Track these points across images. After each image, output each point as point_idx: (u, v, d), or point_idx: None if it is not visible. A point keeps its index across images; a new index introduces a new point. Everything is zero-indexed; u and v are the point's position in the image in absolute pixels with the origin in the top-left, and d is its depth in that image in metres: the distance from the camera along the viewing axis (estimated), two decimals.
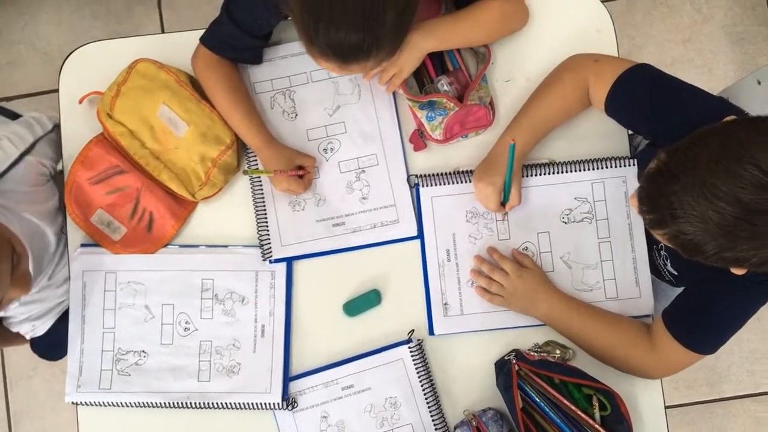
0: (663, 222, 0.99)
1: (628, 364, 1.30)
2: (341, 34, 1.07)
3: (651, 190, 1.01)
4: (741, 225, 0.92)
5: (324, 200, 1.40)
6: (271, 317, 1.37)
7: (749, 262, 0.96)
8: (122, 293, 1.39)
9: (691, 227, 0.95)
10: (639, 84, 1.25)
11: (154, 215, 1.39)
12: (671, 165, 0.98)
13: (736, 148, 0.92)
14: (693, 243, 0.97)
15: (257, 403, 1.35)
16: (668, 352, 1.25)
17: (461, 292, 1.38)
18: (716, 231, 0.93)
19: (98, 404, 1.37)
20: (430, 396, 1.35)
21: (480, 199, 1.34)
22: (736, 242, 0.94)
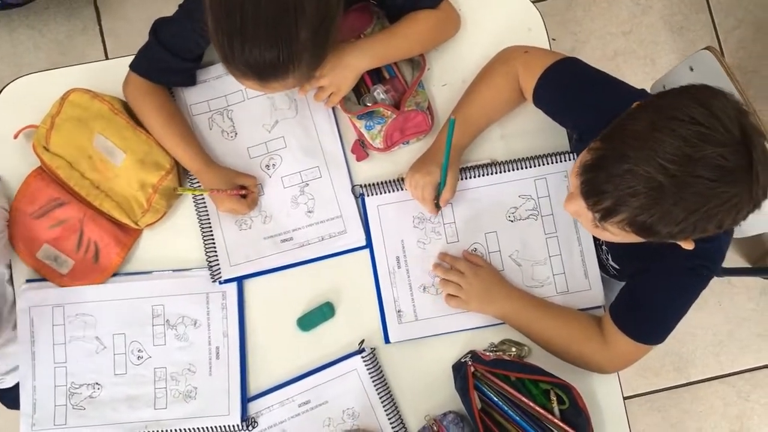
0: (618, 206, 0.98)
1: (583, 359, 1.31)
2: (255, 51, 1.08)
3: (597, 179, 1.00)
4: (696, 188, 0.92)
5: (270, 217, 1.40)
6: (225, 338, 1.36)
7: (708, 228, 0.97)
8: (71, 326, 1.37)
9: (645, 204, 0.95)
10: (564, 77, 1.27)
11: (99, 245, 1.38)
12: (614, 147, 0.98)
13: (673, 111, 0.94)
14: (649, 223, 0.97)
15: (216, 426, 1.34)
16: (619, 347, 1.27)
17: (414, 298, 1.38)
18: (670, 201, 0.94)
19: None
20: (387, 404, 1.34)
21: (415, 193, 1.34)
22: (692, 210, 0.94)
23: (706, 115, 0.92)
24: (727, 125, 0.92)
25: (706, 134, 0.92)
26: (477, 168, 1.39)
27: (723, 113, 0.92)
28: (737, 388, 2.35)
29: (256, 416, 1.35)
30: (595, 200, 1.01)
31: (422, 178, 1.31)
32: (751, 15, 2.47)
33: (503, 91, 1.35)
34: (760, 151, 0.93)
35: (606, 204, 0.99)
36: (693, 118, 0.92)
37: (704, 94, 0.96)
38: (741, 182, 0.93)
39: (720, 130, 0.92)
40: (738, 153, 0.92)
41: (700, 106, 0.93)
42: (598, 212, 1.02)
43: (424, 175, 1.31)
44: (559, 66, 1.28)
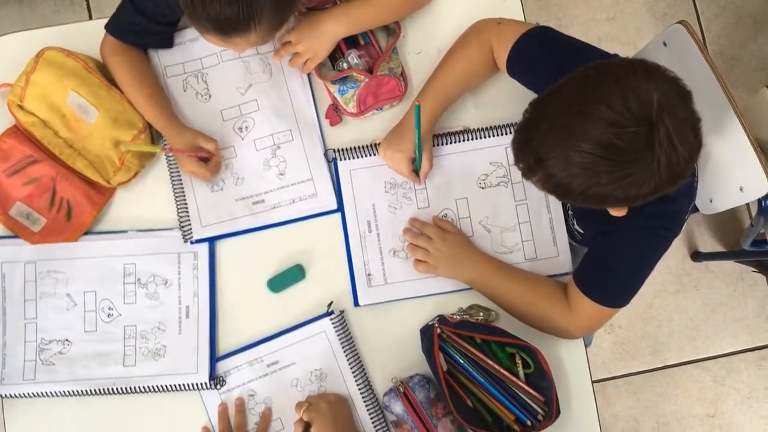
0: (532, 169, 1.03)
1: (548, 323, 1.32)
2: (216, 6, 1.09)
3: (519, 141, 1.06)
4: (596, 161, 0.96)
5: (242, 179, 1.41)
6: (195, 298, 1.37)
7: (614, 197, 1.00)
8: (42, 283, 1.38)
9: (556, 168, 0.99)
10: (538, 45, 1.28)
11: (71, 203, 1.38)
12: (534, 114, 1.03)
13: (588, 91, 0.97)
14: (561, 184, 1.01)
15: (184, 384, 1.35)
16: (582, 310, 1.28)
17: (384, 261, 1.39)
18: (578, 170, 0.98)
19: (23, 396, 1.35)
20: (355, 366, 1.35)
21: (392, 167, 1.36)
22: (597, 178, 0.97)
23: (616, 95, 0.94)
24: (633, 106, 0.93)
25: (610, 115, 0.93)
26: (449, 135, 1.41)
27: (634, 93, 0.94)
28: (712, 373, 2.37)
29: (225, 375, 1.36)
30: (516, 159, 1.07)
31: (395, 154, 1.34)
32: (733, 3, 2.49)
33: (477, 62, 1.36)
34: (664, 136, 0.93)
35: (523, 165, 1.06)
36: (603, 97, 0.94)
37: (622, 70, 0.97)
38: (637, 163, 0.95)
39: (624, 113, 0.93)
40: (637, 135, 0.94)
41: (614, 83, 0.95)
42: (520, 170, 1.07)
43: (396, 152, 1.34)
44: (532, 34, 1.30)
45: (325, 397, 1.30)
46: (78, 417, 1.37)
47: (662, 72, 0.97)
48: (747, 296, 2.38)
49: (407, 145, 1.32)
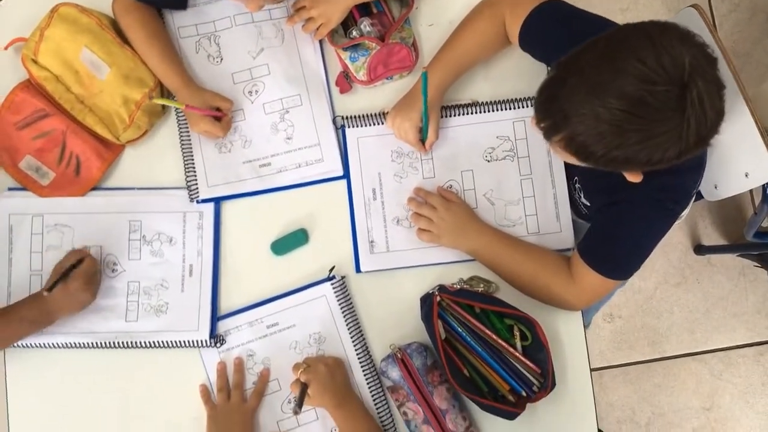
0: (557, 126, 1.02)
1: (550, 294, 1.33)
2: None
3: (544, 98, 1.04)
4: (628, 118, 0.94)
5: (250, 142, 1.42)
6: (199, 257, 1.38)
7: (637, 160, 0.99)
8: (49, 236, 1.39)
9: (582, 126, 0.98)
10: (551, 18, 1.28)
11: (80, 158, 1.40)
12: (561, 71, 1.02)
13: (620, 47, 0.96)
14: (584, 144, 1.00)
15: (185, 341, 1.36)
16: (585, 281, 1.29)
17: (387, 229, 1.40)
18: (606, 127, 0.96)
19: (26, 346, 1.36)
20: (354, 331, 1.36)
21: (399, 135, 1.37)
22: (624, 137, 0.96)
23: (649, 52, 0.93)
24: (667, 64, 0.92)
25: (643, 71, 0.93)
26: (457, 107, 1.42)
27: (667, 52, 0.93)
28: (710, 366, 2.37)
29: (225, 335, 1.37)
30: (538, 118, 1.06)
31: (403, 123, 1.35)
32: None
33: (488, 34, 1.36)
34: (696, 97, 0.93)
35: (547, 123, 1.04)
36: (636, 53, 0.94)
37: (656, 30, 0.97)
38: (668, 122, 0.94)
39: (658, 70, 0.92)
40: (670, 94, 0.93)
41: (647, 41, 0.94)
42: (542, 130, 1.06)
43: (404, 120, 1.34)
44: (544, 8, 1.30)
45: (323, 360, 1.31)
46: (78, 371, 1.39)
47: (693, 36, 0.97)
48: (748, 291, 2.38)
49: (415, 114, 1.33)
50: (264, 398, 1.35)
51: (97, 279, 1.35)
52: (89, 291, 1.31)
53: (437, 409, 1.31)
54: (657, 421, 2.35)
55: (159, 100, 1.37)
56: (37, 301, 1.31)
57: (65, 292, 1.29)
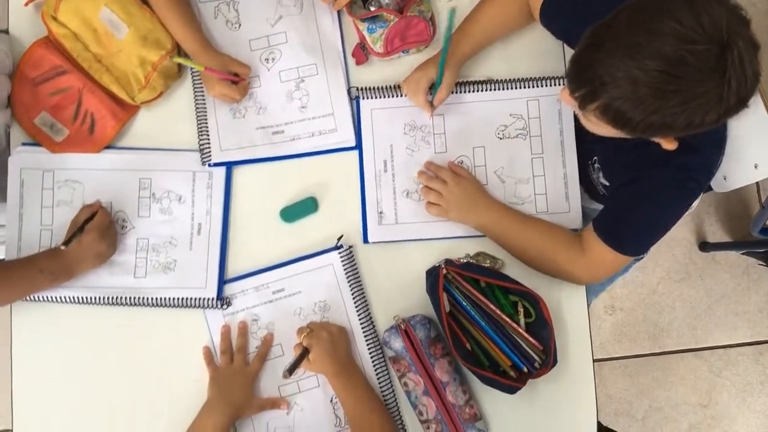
0: (593, 94, 1.00)
1: (559, 268, 1.33)
2: None
3: (578, 65, 1.02)
4: (666, 79, 0.93)
5: (264, 108, 1.42)
6: (207, 216, 1.39)
7: (676, 125, 0.97)
8: (60, 191, 1.40)
9: (619, 91, 0.96)
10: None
11: (95, 116, 1.40)
12: (595, 37, 1.00)
13: (656, 9, 0.94)
14: (621, 111, 0.98)
15: (192, 298, 1.37)
16: (597, 255, 1.29)
17: (396, 201, 1.41)
18: (645, 91, 0.95)
19: (33, 299, 1.37)
20: (359, 301, 1.37)
21: (409, 90, 1.37)
22: (663, 100, 0.95)
23: (686, 12, 0.93)
24: (706, 24, 0.92)
25: (681, 31, 0.92)
26: (472, 84, 1.42)
27: (705, 11, 0.92)
28: (710, 363, 2.38)
29: (231, 298, 1.38)
30: (573, 87, 1.04)
31: (417, 73, 1.35)
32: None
33: (510, 8, 1.36)
34: (737, 56, 0.92)
35: (583, 91, 1.02)
36: (672, 14, 0.93)
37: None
38: (708, 82, 0.93)
39: (697, 29, 0.92)
40: (710, 53, 0.92)
41: (683, 2, 0.94)
42: (577, 99, 1.04)
43: (419, 71, 1.35)
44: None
45: (327, 327, 1.32)
46: (82, 327, 1.40)
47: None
48: (751, 290, 2.39)
49: (431, 69, 1.33)
50: (266, 363, 1.36)
51: (112, 231, 1.35)
52: (104, 243, 1.32)
53: (438, 381, 1.31)
54: (654, 415, 2.36)
55: (179, 59, 1.37)
56: (55, 254, 1.32)
57: (81, 245, 1.30)
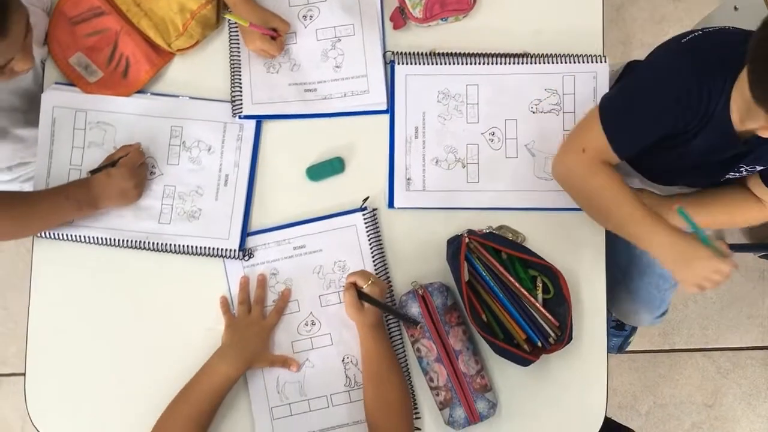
0: None
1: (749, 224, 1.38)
2: None
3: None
4: None
5: (298, 66, 1.42)
6: (235, 168, 1.40)
7: None
8: (91, 132, 1.41)
9: None
10: None
11: (130, 60, 1.41)
12: None
13: None
14: None
15: (214, 248, 1.37)
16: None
17: (425, 168, 1.40)
18: None
19: (56, 237, 1.38)
20: (379, 264, 1.37)
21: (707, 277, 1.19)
22: None
23: None
24: None
25: None
26: (509, 56, 1.41)
27: None
28: (718, 364, 2.37)
29: (253, 250, 1.38)
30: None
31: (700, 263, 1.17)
32: None
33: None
34: None
35: None
36: None
37: None
38: None
39: None
40: None
41: None
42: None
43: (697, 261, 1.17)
44: None
45: (382, 283, 1.33)
46: (101, 268, 1.41)
47: None
48: (765, 295, 2.37)
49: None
50: (282, 317, 1.36)
51: (142, 173, 1.36)
52: (132, 181, 1.33)
53: (451, 349, 1.31)
54: (657, 412, 2.35)
55: (229, 15, 1.37)
56: (82, 183, 1.33)
57: (109, 178, 1.31)
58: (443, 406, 1.32)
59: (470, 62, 1.41)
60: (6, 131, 1.43)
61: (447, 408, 1.31)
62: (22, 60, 1.17)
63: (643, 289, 1.68)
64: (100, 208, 1.34)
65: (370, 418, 1.27)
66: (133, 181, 1.33)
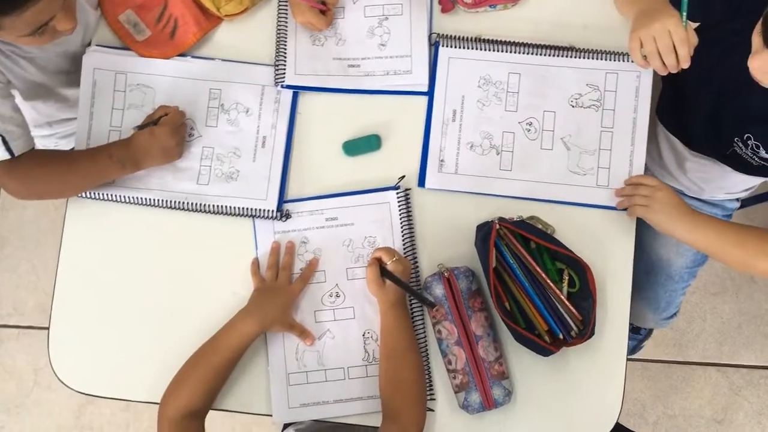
0: None
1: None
2: None
3: None
4: None
5: (344, 40, 1.43)
6: (273, 130, 1.41)
7: None
8: (131, 95, 1.42)
9: None
10: None
11: (178, 22, 1.42)
12: None
13: None
14: None
15: (252, 209, 1.39)
16: None
17: (459, 152, 1.41)
18: None
19: (97, 197, 1.40)
20: (408, 243, 1.38)
21: (660, 34, 1.18)
22: None
23: None
24: None
25: None
26: (553, 48, 1.41)
27: None
28: (731, 380, 2.35)
29: (290, 211, 1.39)
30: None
31: (666, 20, 1.18)
32: None
33: None
34: None
35: None
36: None
37: None
38: None
39: None
40: None
41: None
42: None
43: (665, 18, 1.18)
44: None
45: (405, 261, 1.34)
46: (133, 228, 1.42)
47: None
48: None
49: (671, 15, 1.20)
50: (308, 286, 1.37)
51: (183, 132, 1.38)
52: (174, 139, 1.34)
53: (472, 334, 1.32)
54: (665, 422, 2.34)
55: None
56: (125, 143, 1.35)
57: (153, 136, 1.32)
58: (459, 390, 1.33)
59: (514, 51, 1.41)
60: (51, 91, 1.46)
61: (462, 392, 1.32)
62: (63, 19, 1.16)
63: (649, 288, 1.68)
64: (142, 167, 1.36)
65: (383, 394, 1.28)
66: (175, 139, 1.34)
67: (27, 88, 1.38)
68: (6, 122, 1.24)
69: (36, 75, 1.37)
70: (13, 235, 2.39)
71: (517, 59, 1.41)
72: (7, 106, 1.26)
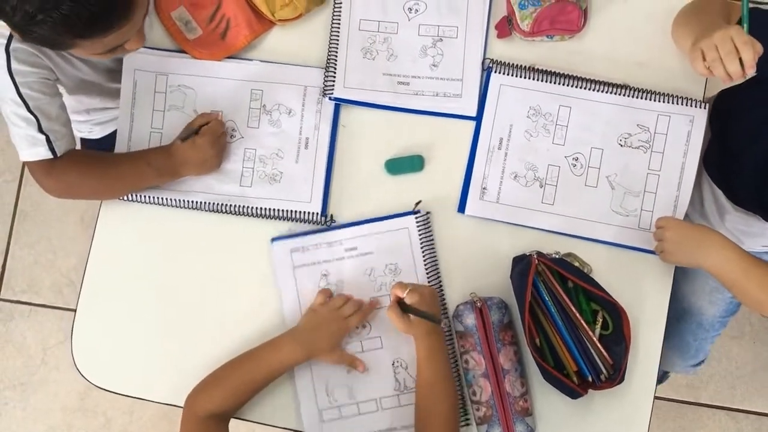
0: None
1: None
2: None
3: None
4: None
5: (396, 57, 1.41)
6: (316, 131, 1.39)
7: None
8: (172, 96, 1.41)
9: None
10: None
11: (231, 23, 1.40)
12: None
13: None
14: None
15: (297, 211, 1.37)
16: None
17: (503, 181, 1.39)
18: None
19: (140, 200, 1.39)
20: (431, 268, 1.36)
21: (722, 41, 1.12)
22: None
23: None
24: None
25: None
26: (608, 85, 1.39)
27: None
28: (740, 426, 2.33)
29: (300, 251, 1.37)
30: None
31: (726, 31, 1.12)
32: None
33: None
34: None
35: None
36: None
37: None
38: None
39: None
40: None
41: None
42: None
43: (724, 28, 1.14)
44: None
45: (424, 287, 1.31)
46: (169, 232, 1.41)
47: None
48: None
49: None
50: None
51: (223, 142, 1.36)
52: (214, 149, 1.33)
53: (500, 367, 1.30)
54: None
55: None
56: (165, 151, 1.33)
57: (194, 146, 1.31)
58: (481, 422, 1.31)
59: (567, 83, 1.39)
60: (97, 85, 1.46)
61: (485, 425, 1.30)
62: (135, 40, 1.18)
63: (678, 335, 1.65)
64: (180, 176, 1.35)
65: (418, 425, 1.26)
66: (214, 150, 1.33)
67: (75, 84, 1.37)
68: (53, 122, 1.24)
69: (88, 74, 1.37)
70: (34, 210, 2.37)
71: (569, 92, 1.39)
72: (55, 105, 1.26)
